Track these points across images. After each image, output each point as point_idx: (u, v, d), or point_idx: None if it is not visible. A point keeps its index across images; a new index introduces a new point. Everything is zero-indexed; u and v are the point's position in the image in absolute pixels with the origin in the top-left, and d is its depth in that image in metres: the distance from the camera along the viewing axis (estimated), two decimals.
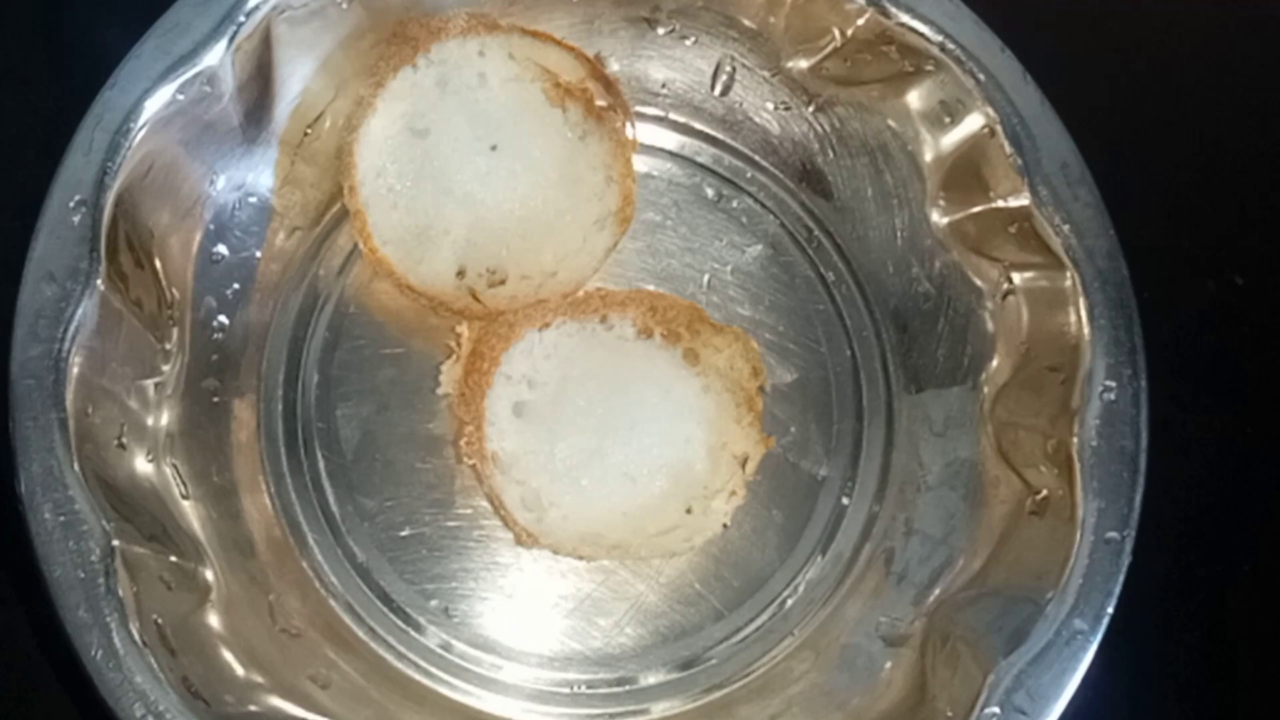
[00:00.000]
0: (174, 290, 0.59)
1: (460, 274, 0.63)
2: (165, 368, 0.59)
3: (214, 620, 0.55)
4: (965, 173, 0.63)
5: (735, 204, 0.69)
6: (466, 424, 0.61)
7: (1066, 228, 0.59)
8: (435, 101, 0.63)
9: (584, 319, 0.63)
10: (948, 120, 0.63)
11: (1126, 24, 0.73)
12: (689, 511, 0.62)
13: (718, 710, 0.61)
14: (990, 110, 0.61)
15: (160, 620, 0.51)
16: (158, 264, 0.58)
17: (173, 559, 0.54)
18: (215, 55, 0.56)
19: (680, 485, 0.62)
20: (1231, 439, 0.69)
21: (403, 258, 0.63)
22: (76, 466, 0.50)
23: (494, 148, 0.63)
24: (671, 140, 0.69)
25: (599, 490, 0.61)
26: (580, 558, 0.61)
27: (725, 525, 0.62)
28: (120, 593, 0.50)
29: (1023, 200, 0.60)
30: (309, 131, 0.63)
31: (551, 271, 0.64)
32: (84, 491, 0.50)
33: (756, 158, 0.70)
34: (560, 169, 0.64)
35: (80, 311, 0.52)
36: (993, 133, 0.61)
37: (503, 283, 0.63)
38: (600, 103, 0.64)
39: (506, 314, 0.63)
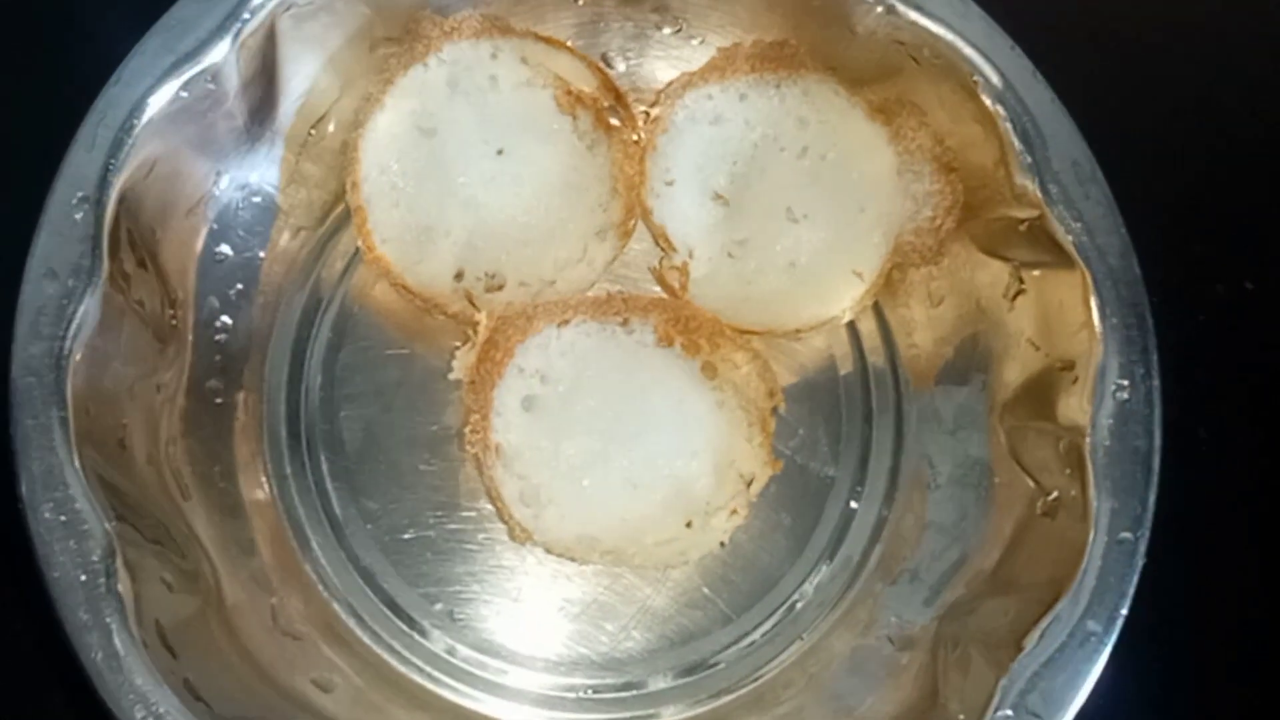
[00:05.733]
0: (177, 289, 0.59)
1: (458, 276, 0.63)
2: (167, 368, 0.58)
3: (215, 622, 0.55)
4: None
5: None
6: (474, 413, 0.60)
7: (1078, 226, 0.58)
8: (444, 101, 0.62)
9: (605, 320, 0.62)
10: None
11: (1138, 23, 0.73)
12: (688, 525, 0.61)
13: (726, 715, 0.61)
14: (1000, 108, 0.60)
15: (161, 621, 0.51)
16: (161, 262, 0.57)
17: (174, 560, 0.54)
18: (220, 52, 0.55)
19: (682, 498, 0.61)
20: (1240, 442, 0.68)
21: (401, 257, 0.62)
22: (78, 465, 0.50)
23: (501, 151, 0.63)
24: None
25: (600, 493, 0.60)
26: (572, 559, 0.61)
27: (723, 544, 0.61)
28: (121, 593, 0.49)
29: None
30: (314, 130, 0.63)
31: (550, 280, 0.63)
32: (85, 491, 0.50)
33: None
34: (566, 177, 0.64)
35: (82, 309, 0.51)
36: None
37: (500, 288, 0.63)
38: (613, 121, 0.64)
39: (526, 306, 0.62)
